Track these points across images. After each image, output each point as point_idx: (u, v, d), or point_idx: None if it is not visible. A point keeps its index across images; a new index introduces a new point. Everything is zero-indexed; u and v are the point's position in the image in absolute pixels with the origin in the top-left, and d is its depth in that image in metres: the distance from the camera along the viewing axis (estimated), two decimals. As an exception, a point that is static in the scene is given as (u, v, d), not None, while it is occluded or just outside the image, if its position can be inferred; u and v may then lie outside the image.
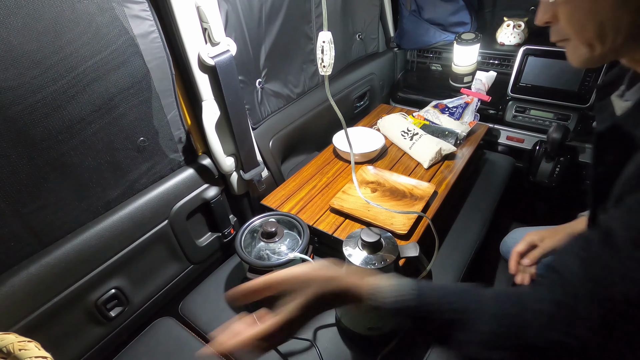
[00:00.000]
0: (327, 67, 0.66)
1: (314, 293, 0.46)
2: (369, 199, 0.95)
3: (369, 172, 1.07)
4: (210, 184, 0.98)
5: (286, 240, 0.85)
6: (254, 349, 0.46)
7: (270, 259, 0.82)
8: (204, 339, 0.84)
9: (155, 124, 0.84)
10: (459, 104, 1.36)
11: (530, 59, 1.30)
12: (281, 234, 0.84)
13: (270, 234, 0.83)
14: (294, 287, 0.47)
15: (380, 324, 0.74)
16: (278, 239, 0.84)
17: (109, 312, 0.83)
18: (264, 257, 0.83)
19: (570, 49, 0.44)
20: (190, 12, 0.78)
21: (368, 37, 1.53)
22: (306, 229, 0.84)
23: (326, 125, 1.29)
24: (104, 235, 0.79)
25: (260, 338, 0.46)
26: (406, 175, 1.05)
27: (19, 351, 0.49)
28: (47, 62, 0.64)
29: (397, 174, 1.05)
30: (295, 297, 0.47)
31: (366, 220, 0.90)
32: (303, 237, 0.83)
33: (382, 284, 0.46)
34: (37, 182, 0.68)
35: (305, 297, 0.46)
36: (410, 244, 0.70)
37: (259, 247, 0.85)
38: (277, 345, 0.48)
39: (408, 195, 0.98)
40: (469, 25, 1.48)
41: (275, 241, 0.83)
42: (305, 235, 0.82)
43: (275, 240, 0.83)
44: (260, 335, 0.45)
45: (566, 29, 0.42)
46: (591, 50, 0.41)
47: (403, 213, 0.91)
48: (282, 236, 0.84)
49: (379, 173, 1.07)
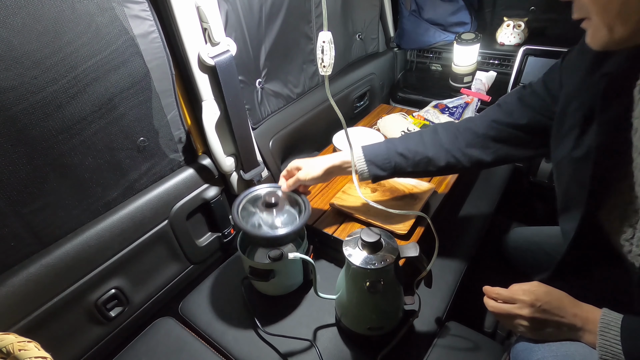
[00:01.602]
0: (327, 67, 0.66)
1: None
2: (369, 199, 0.95)
3: None
4: (210, 184, 0.98)
5: (284, 215, 0.83)
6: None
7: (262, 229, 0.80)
8: (204, 339, 0.84)
9: (155, 124, 0.84)
10: (459, 104, 1.36)
11: (530, 59, 1.30)
12: (282, 208, 0.83)
13: (270, 205, 0.82)
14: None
15: (381, 324, 0.74)
16: (277, 212, 0.82)
17: (109, 312, 0.83)
18: (255, 225, 0.81)
19: (591, 29, 0.44)
20: (190, 12, 0.78)
21: (368, 37, 1.53)
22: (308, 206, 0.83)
23: (326, 125, 1.29)
24: (104, 235, 0.79)
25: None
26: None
27: (18, 351, 0.48)
28: (47, 62, 0.64)
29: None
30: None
31: (366, 220, 0.90)
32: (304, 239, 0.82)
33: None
34: (37, 182, 0.68)
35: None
36: (410, 244, 0.70)
37: (257, 216, 0.83)
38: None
39: (408, 195, 0.98)
40: (469, 25, 1.48)
41: (272, 213, 0.82)
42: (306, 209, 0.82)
43: (272, 212, 0.82)
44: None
45: (589, 6, 0.42)
46: (611, 33, 0.41)
47: (403, 213, 0.91)
48: (281, 210, 0.83)
49: None
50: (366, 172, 0.81)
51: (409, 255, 0.69)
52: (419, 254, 0.69)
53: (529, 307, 0.59)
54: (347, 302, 0.74)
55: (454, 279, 0.93)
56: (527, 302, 0.60)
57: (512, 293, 0.62)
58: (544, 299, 0.59)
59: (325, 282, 0.89)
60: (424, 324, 0.83)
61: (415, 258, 0.69)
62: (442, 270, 0.94)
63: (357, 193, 0.92)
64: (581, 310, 0.58)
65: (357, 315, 0.75)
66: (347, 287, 0.72)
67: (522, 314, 0.60)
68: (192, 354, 0.80)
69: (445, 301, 0.88)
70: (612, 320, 0.55)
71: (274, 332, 0.80)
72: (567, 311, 0.58)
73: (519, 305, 0.60)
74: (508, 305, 0.62)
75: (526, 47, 1.30)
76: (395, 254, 0.67)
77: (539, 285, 0.61)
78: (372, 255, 0.66)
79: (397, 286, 0.72)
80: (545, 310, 0.58)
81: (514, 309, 0.61)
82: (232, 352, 0.80)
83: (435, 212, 0.96)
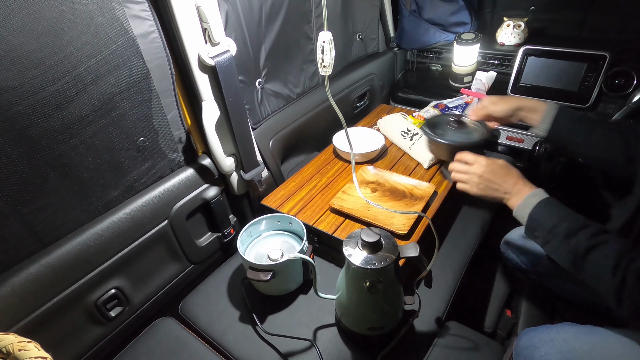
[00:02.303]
0: (327, 67, 0.66)
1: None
2: (369, 199, 0.95)
3: (369, 172, 1.07)
4: (210, 184, 0.98)
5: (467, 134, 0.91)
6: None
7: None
8: (204, 339, 0.84)
9: (155, 124, 0.84)
10: (459, 104, 1.36)
11: (530, 59, 1.30)
12: (465, 127, 0.92)
13: (459, 122, 0.91)
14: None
15: (381, 324, 0.74)
16: (462, 129, 0.91)
17: (109, 312, 0.84)
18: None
19: None
20: (190, 12, 0.78)
21: (368, 37, 1.53)
22: (487, 128, 0.88)
23: (326, 125, 1.29)
24: (104, 235, 0.79)
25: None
26: (406, 176, 1.05)
27: (18, 351, 0.48)
28: (47, 62, 0.64)
29: (397, 174, 1.05)
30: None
31: (366, 220, 0.90)
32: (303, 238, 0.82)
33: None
34: (37, 182, 0.68)
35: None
36: (410, 244, 0.70)
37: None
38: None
39: (408, 195, 0.98)
40: (469, 25, 1.48)
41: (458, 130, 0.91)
42: (486, 130, 0.88)
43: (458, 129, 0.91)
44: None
45: None
46: None
47: (403, 213, 0.91)
48: (465, 128, 0.91)
49: (379, 173, 1.07)
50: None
51: (409, 255, 0.69)
52: (419, 254, 0.69)
53: (484, 167, 0.76)
54: (347, 302, 0.74)
55: (454, 279, 0.93)
56: (484, 164, 0.76)
57: (475, 158, 0.78)
58: (496, 166, 0.76)
59: (325, 282, 0.89)
60: (424, 324, 0.83)
61: (415, 258, 0.69)
62: (442, 270, 0.94)
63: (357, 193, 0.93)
64: (521, 183, 0.73)
65: (357, 315, 0.74)
66: (347, 287, 0.72)
67: (476, 172, 0.76)
68: (192, 354, 0.80)
69: (445, 301, 0.88)
70: (539, 192, 0.70)
71: (274, 332, 0.80)
72: (509, 180, 0.73)
73: (477, 166, 0.77)
74: (468, 165, 0.79)
75: (526, 47, 1.30)
76: (395, 254, 0.67)
77: (498, 160, 0.77)
78: (372, 255, 0.66)
79: (397, 286, 0.72)
80: (495, 172, 0.75)
81: (472, 168, 0.78)
82: (232, 352, 0.80)
83: (435, 212, 0.95)
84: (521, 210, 0.70)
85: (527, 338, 0.67)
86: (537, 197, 0.69)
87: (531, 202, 0.69)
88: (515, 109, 0.85)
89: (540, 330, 0.68)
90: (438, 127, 0.93)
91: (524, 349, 0.66)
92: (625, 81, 1.16)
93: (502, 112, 0.86)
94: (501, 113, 0.86)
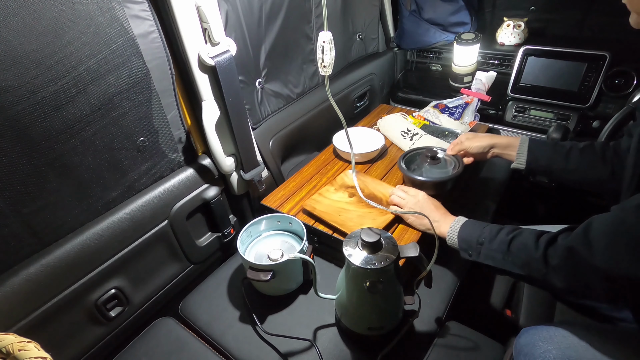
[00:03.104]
0: (327, 67, 0.66)
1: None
2: (345, 203, 0.94)
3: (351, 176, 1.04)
4: (210, 184, 0.98)
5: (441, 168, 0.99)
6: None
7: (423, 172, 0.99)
8: (204, 339, 0.84)
9: (155, 124, 0.84)
10: (459, 104, 1.36)
11: (530, 59, 1.30)
12: (440, 162, 1.00)
13: (433, 157, 0.99)
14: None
15: (381, 324, 0.74)
16: (436, 164, 1.00)
17: (109, 312, 0.84)
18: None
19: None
20: (190, 12, 0.78)
21: (368, 37, 1.53)
22: (462, 165, 0.95)
23: (326, 125, 1.29)
24: (104, 235, 0.79)
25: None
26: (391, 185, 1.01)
27: (18, 352, 0.48)
28: (47, 62, 0.64)
29: (385, 184, 1.02)
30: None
31: (334, 225, 0.88)
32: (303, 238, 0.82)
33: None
34: (37, 182, 0.68)
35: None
36: (410, 244, 0.70)
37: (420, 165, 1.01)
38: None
39: (384, 204, 0.95)
40: (469, 25, 1.48)
41: (433, 165, 0.99)
42: (460, 166, 0.95)
43: (433, 164, 0.99)
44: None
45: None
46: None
47: (404, 213, 0.90)
48: (440, 163, 1.00)
49: (361, 179, 1.03)
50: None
51: (409, 255, 0.69)
52: (419, 254, 0.69)
53: (422, 197, 0.89)
54: (347, 302, 0.74)
55: (454, 279, 0.93)
56: (417, 196, 0.89)
57: (416, 191, 0.91)
58: (430, 199, 0.89)
59: (325, 282, 0.89)
60: (424, 324, 0.83)
61: (415, 258, 0.69)
62: (442, 270, 0.94)
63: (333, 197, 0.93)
64: (447, 215, 0.84)
65: (357, 315, 0.74)
66: (347, 287, 0.72)
67: (413, 199, 0.89)
68: (192, 354, 0.80)
69: (445, 301, 0.88)
70: (459, 219, 0.80)
71: (274, 332, 0.80)
72: (437, 212, 0.85)
73: (415, 195, 0.89)
74: (407, 195, 0.91)
75: (526, 47, 1.30)
76: (395, 254, 0.67)
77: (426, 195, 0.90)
78: (372, 255, 0.66)
79: (397, 286, 0.72)
80: (423, 206, 0.87)
81: (407, 197, 0.90)
82: (232, 352, 0.80)
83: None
84: (451, 237, 0.79)
85: (527, 336, 0.68)
86: (459, 222, 0.79)
87: (456, 227, 0.79)
88: (488, 146, 0.93)
89: (540, 328, 0.68)
90: (413, 162, 1.02)
91: (524, 347, 0.66)
92: (625, 81, 1.16)
93: (477, 149, 0.94)
94: (476, 149, 0.94)
